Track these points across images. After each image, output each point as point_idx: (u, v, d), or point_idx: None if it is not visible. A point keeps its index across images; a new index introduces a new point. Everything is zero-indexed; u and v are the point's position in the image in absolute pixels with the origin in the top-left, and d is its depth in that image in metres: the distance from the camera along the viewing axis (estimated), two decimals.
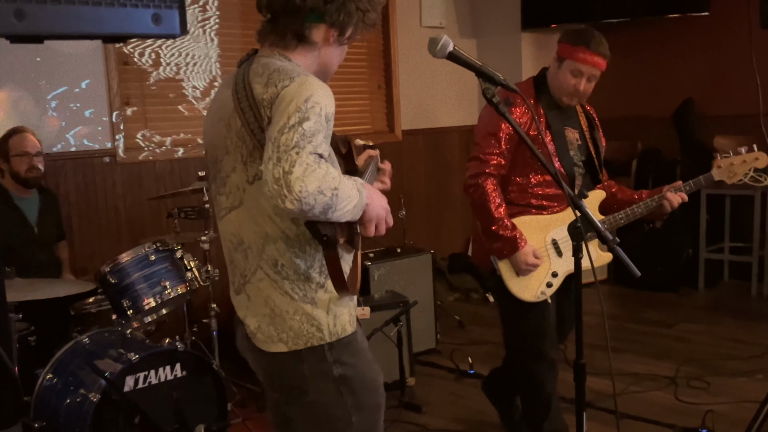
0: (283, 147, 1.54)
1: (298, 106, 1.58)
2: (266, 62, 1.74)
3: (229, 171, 1.77)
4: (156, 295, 3.15)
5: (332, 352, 1.80)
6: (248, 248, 1.78)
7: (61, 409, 2.86)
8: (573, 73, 2.82)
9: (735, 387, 3.89)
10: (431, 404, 3.81)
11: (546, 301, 2.88)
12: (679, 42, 6.18)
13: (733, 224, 5.83)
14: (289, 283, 1.76)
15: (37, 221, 3.64)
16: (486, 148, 2.82)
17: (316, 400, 1.81)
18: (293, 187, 1.52)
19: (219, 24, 4.77)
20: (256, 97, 1.67)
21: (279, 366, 1.83)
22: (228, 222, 1.83)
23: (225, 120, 1.75)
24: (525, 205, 2.89)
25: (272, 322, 1.79)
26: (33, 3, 0.81)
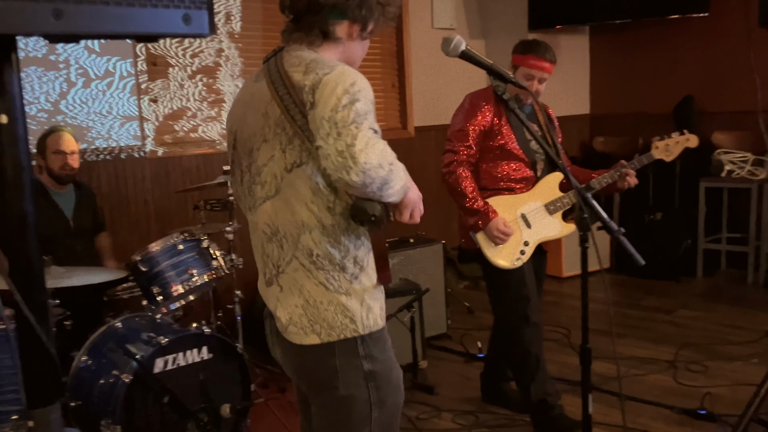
0: (341, 123, 1.52)
1: (345, 89, 1.56)
2: (299, 54, 1.70)
3: (266, 160, 1.70)
4: (184, 283, 3.16)
5: (364, 346, 1.72)
6: (283, 238, 1.71)
7: (95, 389, 2.87)
8: (526, 77, 3.10)
9: (731, 370, 3.86)
10: (442, 386, 3.81)
11: (523, 269, 3.11)
12: (679, 41, 6.12)
13: (731, 216, 5.79)
14: (324, 273, 1.69)
15: (73, 215, 3.65)
16: (456, 142, 3.11)
17: (346, 394, 1.72)
18: (358, 158, 1.49)
19: (242, 26, 4.77)
20: (296, 84, 1.62)
21: (311, 360, 1.74)
22: (262, 212, 1.75)
23: (261, 110, 1.70)
24: (495, 189, 3.15)
25: (305, 313, 1.71)
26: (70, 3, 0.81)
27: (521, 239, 3.12)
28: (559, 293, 5.49)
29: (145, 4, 0.87)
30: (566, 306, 5.18)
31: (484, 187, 3.14)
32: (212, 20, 0.94)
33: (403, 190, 1.65)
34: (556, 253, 5.69)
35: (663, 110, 6.16)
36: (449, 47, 1.86)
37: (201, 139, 4.66)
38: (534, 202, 3.14)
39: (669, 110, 6.12)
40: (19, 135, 0.94)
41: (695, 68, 6.07)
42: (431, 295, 4.24)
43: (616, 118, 6.50)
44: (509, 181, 3.14)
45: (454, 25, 6.03)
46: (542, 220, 3.14)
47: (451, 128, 3.20)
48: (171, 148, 4.52)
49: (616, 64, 6.55)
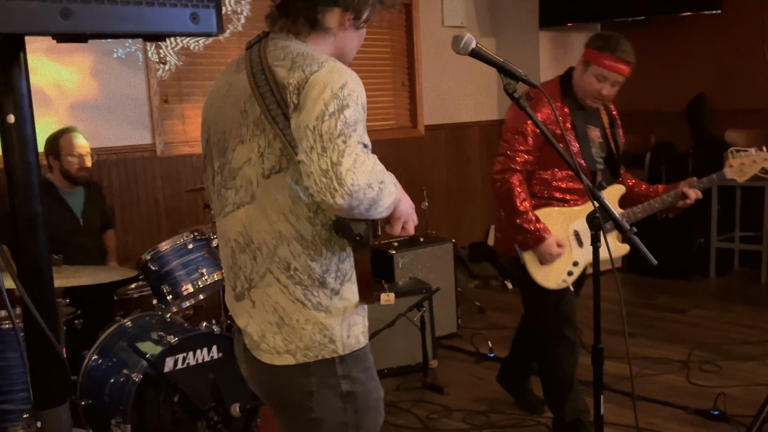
0: (327, 136, 1.35)
1: (334, 93, 1.38)
2: (285, 45, 1.51)
3: (241, 162, 1.51)
4: (194, 282, 3.17)
5: (343, 365, 1.56)
6: (257, 249, 1.53)
7: (106, 388, 2.89)
8: (598, 78, 2.81)
9: (745, 370, 3.83)
10: (453, 385, 3.80)
11: (568, 287, 2.89)
12: (691, 39, 6.08)
13: (744, 214, 5.74)
14: (302, 289, 1.52)
15: (82, 213, 3.66)
16: (514, 145, 2.82)
17: (320, 416, 1.56)
18: (345, 179, 1.33)
19: (252, 25, 4.77)
20: (279, 82, 1.44)
21: (283, 380, 1.57)
22: (234, 220, 1.56)
23: (240, 106, 1.51)
24: (548, 198, 2.90)
25: (280, 332, 1.53)
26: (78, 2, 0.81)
27: (571, 259, 2.87)
28: None
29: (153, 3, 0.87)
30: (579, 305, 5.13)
31: (535, 194, 2.88)
32: (220, 19, 0.94)
33: (393, 205, 1.49)
34: None
35: (675, 108, 6.12)
36: (459, 45, 1.84)
37: None
38: None
39: (681, 108, 6.09)
40: (28, 135, 0.94)
41: (708, 66, 6.03)
42: (442, 295, 4.22)
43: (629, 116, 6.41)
44: (565, 192, 2.89)
45: (465, 23, 6.01)
46: None
47: (506, 127, 2.89)
48: (182, 147, 4.53)
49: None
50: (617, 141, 3.00)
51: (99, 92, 4.17)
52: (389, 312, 3.62)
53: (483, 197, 6.17)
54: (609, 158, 3.00)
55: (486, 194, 6.07)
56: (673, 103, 6.16)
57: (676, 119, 6.12)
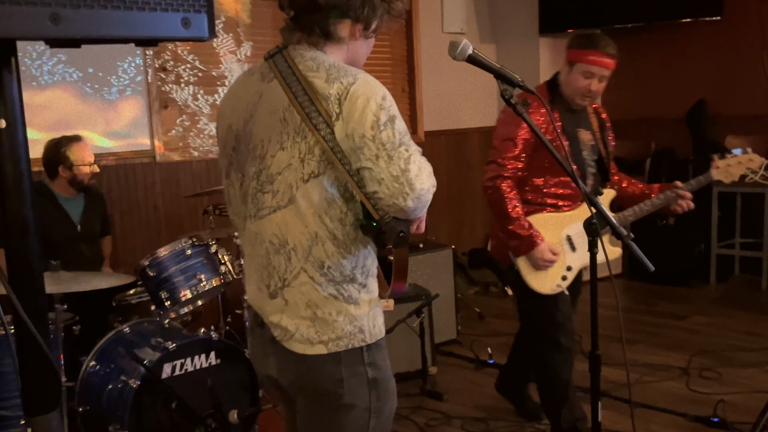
0: (389, 145, 1.49)
1: (379, 104, 1.51)
2: (314, 56, 1.62)
3: (281, 168, 1.59)
4: (192, 288, 3.16)
5: (369, 353, 1.69)
6: (292, 250, 1.63)
7: (104, 395, 2.88)
8: (584, 75, 2.82)
9: (745, 377, 3.81)
10: (452, 392, 3.78)
11: (562, 292, 2.89)
12: (691, 45, 6.08)
13: (744, 221, 5.73)
14: (335, 285, 1.64)
15: (80, 219, 3.66)
16: (503, 152, 2.84)
17: (349, 402, 1.67)
18: (415, 184, 1.48)
19: (253, 31, 4.78)
20: (319, 92, 1.54)
21: (315, 369, 1.67)
22: (270, 222, 1.64)
23: (278, 115, 1.60)
24: (540, 204, 2.91)
25: (313, 325, 1.65)
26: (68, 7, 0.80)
27: (564, 263, 2.88)
28: None
29: (144, 8, 0.86)
30: (579, 312, 5.11)
31: (527, 201, 2.88)
32: (212, 24, 0.94)
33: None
34: None
35: (676, 114, 6.12)
36: (456, 51, 1.84)
37: (211, 144, 4.66)
38: (581, 222, 2.84)
39: (682, 114, 6.08)
40: (19, 140, 0.94)
41: (708, 72, 6.02)
42: (441, 301, 4.22)
43: (629, 123, 6.45)
44: (556, 198, 2.91)
45: (465, 29, 6.02)
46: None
47: (496, 135, 2.92)
48: (181, 152, 4.53)
49: (628, 68, 6.49)
50: (607, 144, 3.02)
51: (99, 97, 4.17)
52: (388, 318, 3.60)
53: (483, 203, 6.13)
54: (599, 162, 3.00)
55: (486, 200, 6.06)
56: (674, 109, 6.16)
57: (676, 125, 6.11)
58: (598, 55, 2.80)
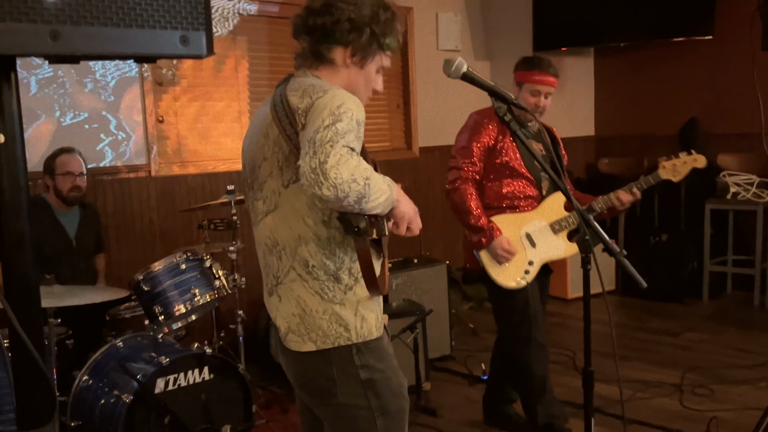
0: (319, 142, 1.58)
1: (331, 111, 1.62)
2: (301, 80, 1.79)
3: (266, 176, 1.79)
4: (186, 302, 3.15)
5: (360, 356, 1.79)
6: (282, 250, 1.79)
7: (96, 409, 2.86)
8: (532, 93, 3.10)
9: (738, 394, 3.82)
10: (446, 408, 3.77)
11: (528, 289, 3.06)
12: (684, 64, 6.13)
13: (736, 238, 5.75)
14: (320, 284, 1.76)
15: (76, 234, 3.66)
16: (460, 159, 3.11)
17: (345, 402, 1.80)
18: (329, 174, 1.54)
19: (248, 47, 4.81)
20: (292, 107, 1.70)
21: (309, 368, 1.82)
22: (264, 226, 1.83)
23: (264, 131, 1.79)
24: (499, 207, 3.13)
25: (302, 322, 1.78)
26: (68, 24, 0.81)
27: (526, 258, 3.08)
28: (564, 315, 5.46)
29: (143, 26, 0.87)
30: (571, 328, 5.15)
31: (488, 205, 3.12)
32: (210, 41, 0.95)
33: (389, 203, 1.69)
34: (561, 275, 5.67)
35: (668, 132, 6.16)
36: (451, 69, 1.86)
37: (206, 158, 4.67)
38: (539, 221, 3.12)
39: (674, 132, 6.13)
40: (17, 155, 0.94)
41: (700, 90, 6.07)
42: (435, 316, 4.21)
43: (622, 140, 6.50)
44: (514, 199, 3.12)
45: (459, 46, 6.06)
46: (547, 240, 3.11)
47: (455, 146, 3.20)
48: (176, 167, 4.53)
49: (621, 86, 6.56)
50: (559, 156, 3.21)
51: (94, 111, 4.18)
52: None
53: None
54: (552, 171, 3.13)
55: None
56: (666, 126, 6.20)
57: (668, 143, 6.15)
58: (543, 75, 3.08)
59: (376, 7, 1.82)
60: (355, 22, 1.78)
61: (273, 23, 4.93)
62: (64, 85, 4.06)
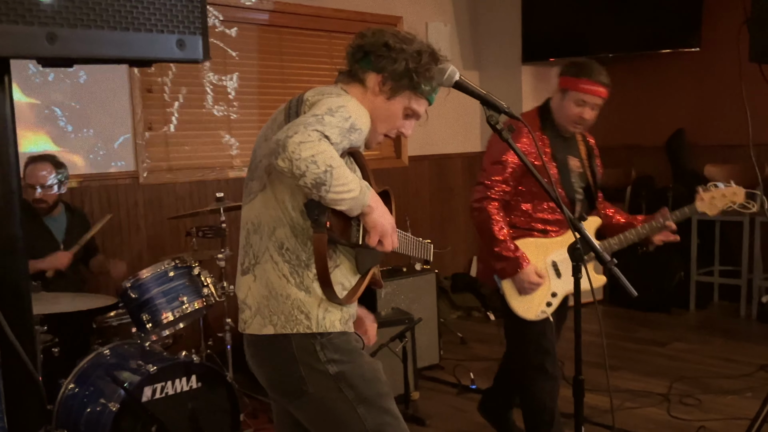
0: (297, 122, 1.61)
1: (329, 108, 1.66)
2: (330, 88, 1.86)
3: (261, 156, 1.84)
4: (174, 310, 3.14)
5: (325, 351, 1.78)
6: (264, 230, 1.81)
7: (82, 418, 2.83)
8: (577, 103, 2.82)
9: (725, 404, 3.83)
10: (434, 417, 3.77)
11: (548, 319, 2.87)
12: (671, 75, 6.19)
13: (723, 248, 5.80)
14: (290, 267, 1.77)
15: (64, 239, 3.63)
16: (492, 175, 2.82)
17: (319, 396, 1.79)
18: (288, 146, 1.56)
19: (238, 55, 4.80)
20: (303, 99, 1.78)
21: (275, 365, 1.82)
22: (252, 206, 1.85)
23: (275, 121, 1.86)
24: (528, 229, 2.90)
25: (268, 304, 1.79)
26: (65, 27, 0.81)
27: (549, 289, 2.87)
28: None
29: (140, 29, 0.87)
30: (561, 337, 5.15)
31: (515, 225, 2.88)
32: (206, 46, 0.95)
33: (356, 204, 1.67)
34: None
35: (655, 143, 6.21)
36: (443, 77, 1.87)
37: (194, 165, 4.66)
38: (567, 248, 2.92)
39: (661, 143, 6.17)
40: (10, 158, 0.93)
41: (687, 102, 6.13)
42: (424, 325, 4.21)
43: (609, 151, 6.50)
44: (545, 223, 2.90)
45: (449, 56, 6.02)
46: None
47: (486, 157, 2.90)
48: (164, 174, 4.51)
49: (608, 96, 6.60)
50: (594, 171, 3.02)
51: (82, 118, 4.16)
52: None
53: (466, 227, 6.19)
54: (587, 189, 3.02)
55: (469, 225, 6.08)
56: (653, 137, 6.25)
57: (656, 153, 6.20)
58: (592, 84, 2.80)
59: (424, 47, 1.87)
60: (399, 59, 1.82)
61: (263, 31, 4.93)
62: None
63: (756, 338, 5.01)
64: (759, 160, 5.56)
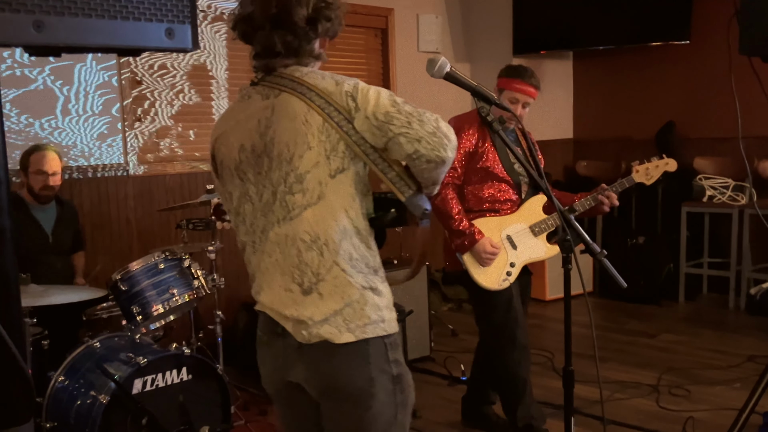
0: (416, 113, 1.62)
1: (389, 93, 1.66)
2: (311, 70, 1.74)
3: (310, 166, 1.66)
4: (164, 302, 3.13)
5: (391, 351, 1.76)
6: (324, 244, 1.69)
7: (72, 410, 2.82)
8: (511, 101, 3.13)
9: (714, 395, 3.86)
10: (425, 409, 3.78)
11: (510, 291, 3.11)
12: (661, 68, 6.20)
13: (712, 241, 5.83)
14: (363, 276, 1.72)
15: (52, 231, 3.61)
16: None
17: (382, 400, 1.73)
18: (450, 136, 1.62)
19: (228, 47, 4.78)
20: (333, 92, 1.65)
21: (343, 368, 1.71)
22: (302, 221, 1.70)
23: (300, 119, 1.66)
24: (480, 210, 3.17)
25: (342, 314, 1.69)
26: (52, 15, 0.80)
27: (507, 260, 3.14)
28: (542, 316, 5.49)
29: (128, 17, 0.86)
30: (550, 329, 5.18)
31: (469, 209, 3.16)
32: (195, 35, 0.94)
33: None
34: (539, 276, 5.70)
35: (645, 135, 6.23)
36: (434, 68, 1.87)
37: (185, 157, 4.64)
38: (519, 224, 3.18)
39: (651, 135, 6.19)
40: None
41: (677, 94, 6.15)
42: (415, 317, 4.22)
43: (599, 143, 6.56)
44: (494, 202, 3.17)
45: (440, 48, 6.08)
46: (527, 242, 3.17)
47: None
48: (154, 166, 4.49)
49: (599, 89, 6.62)
50: (536, 159, 3.17)
51: (71, 110, 4.13)
52: None
53: None
54: (530, 174, 3.15)
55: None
56: (643, 130, 6.27)
57: (646, 146, 6.22)
58: (523, 84, 3.12)
59: None
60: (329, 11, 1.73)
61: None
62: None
63: (744, 329, 5.04)
64: (748, 152, 5.60)
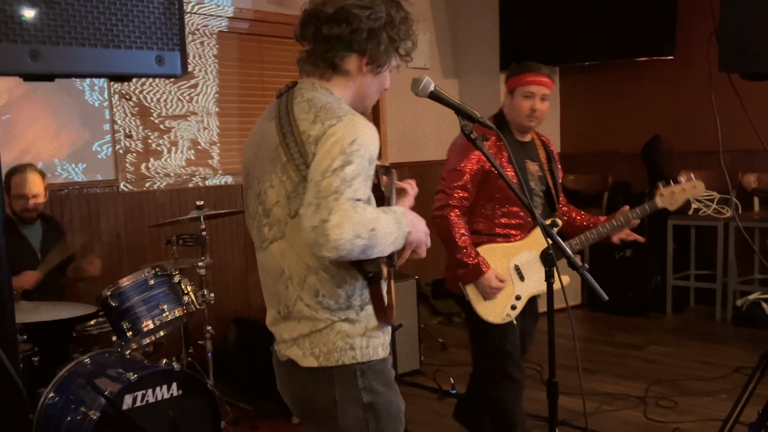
0: (323, 193, 1.51)
1: (342, 149, 1.54)
2: (311, 97, 1.68)
3: (273, 203, 1.68)
4: (154, 318, 3.14)
5: (363, 378, 1.71)
6: (289, 279, 1.70)
7: (62, 427, 2.83)
8: (526, 96, 2.91)
9: (701, 406, 3.90)
10: (415, 422, 3.79)
11: (511, 322, 2.91)
12: (646, 83, 6.28)
13: (699, 253, 5.89)
14: (329, 312, 1.69)
15: (41, 248, 3.62)
16: (451, 182, 2.88)
17: (345, 425, 1.71)
18: (330, 235, 1.49)
19: (218, 63, 4.82)
20: (303, 133, 1.61)
21: (309, 385, 1.73)
22: (270, 253, 1.73)
23: (271, 154, 1.68)
24: (490, 234, 2.95)
25: (310, 337, 1.70)
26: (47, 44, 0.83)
27: (513, 293, 2.91)
28: None
29: (120, 46, 0.90)
30: (538, 342, 5.14)
31: (478, 232, 2.94)
32: (185, 61, 0.97)
33: (399, 241, 1.65)
34: None
35: (632, 149, 6.30)
36: (418, 88, 1.90)
37: (175, 174, 4.66)
38: (528, 251, 2.95)
39: (637, 149, 6.26)
40: None
41: (662, 109, 6.23)
42: (404, 331, 4.24)
43: (587, 157, 6.62)
44: (506, 227, 2.95)
45: (428, 64, 6.14)
46: (536, 273, 2.93)
47: (445, 166, 2.96)
48: (144, 182, 4.51)
49: (585, 104, 6.69)
50: (555, 175, 3.08)
51: (61, 126, 4.15)
52: None
53: None
54: (547, 192, 3.07)
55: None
56: (630, 144, 6.34)
57: (632, 160, 6.29)
58: (535, 76, 2.92)
59: (389, 7, 1.70)
60: (373, 30, 1.67)
61: (243, 39, 4.95)
62: None
63: (731, 341, 5.09)
64: (732, 166, 5.68)
